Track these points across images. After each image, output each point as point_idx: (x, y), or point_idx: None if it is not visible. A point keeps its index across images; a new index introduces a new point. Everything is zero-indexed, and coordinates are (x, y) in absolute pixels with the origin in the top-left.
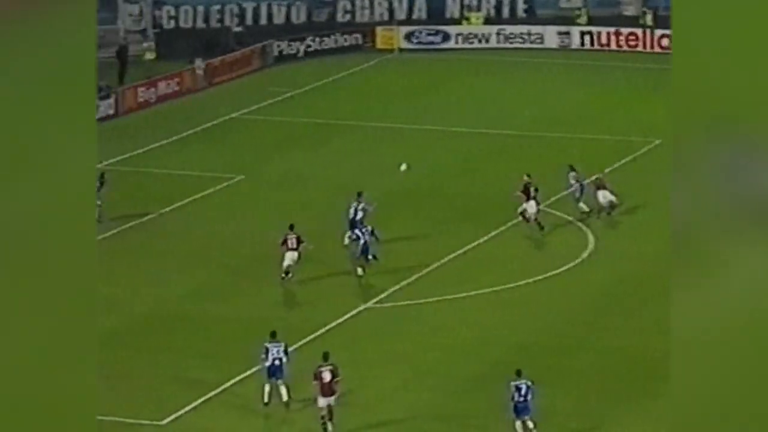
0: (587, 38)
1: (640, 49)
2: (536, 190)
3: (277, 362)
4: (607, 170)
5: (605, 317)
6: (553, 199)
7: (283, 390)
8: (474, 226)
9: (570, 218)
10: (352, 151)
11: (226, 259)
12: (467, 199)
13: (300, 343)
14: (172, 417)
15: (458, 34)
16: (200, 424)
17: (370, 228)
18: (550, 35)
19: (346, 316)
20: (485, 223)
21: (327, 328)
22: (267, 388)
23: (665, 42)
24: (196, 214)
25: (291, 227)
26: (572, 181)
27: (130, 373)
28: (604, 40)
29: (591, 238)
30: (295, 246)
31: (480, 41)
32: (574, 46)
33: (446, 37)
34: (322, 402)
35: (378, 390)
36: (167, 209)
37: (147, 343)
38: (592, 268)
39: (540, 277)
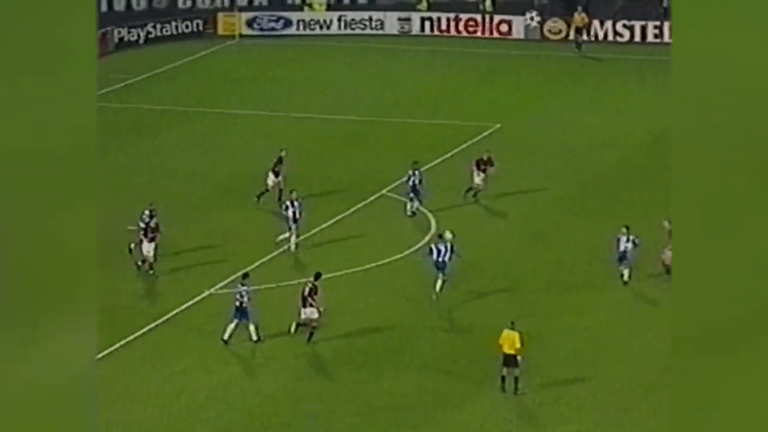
0: (427, 24)
1: (479, 34)
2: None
3: (237, 303)
4: (449, 154)
5: (448, 299)
6: (396, 183)
7: (252, 329)
8: (318, 212)
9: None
10: (194, 137)
11: None
12: (312, 184)
13: (146, 329)
14: None
15: (300, 21)
16: None
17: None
18: (391, 21)
19: (190, 303)
20: (331, 208)
21: (172, 313)
22: (231, 326)
23: (504, 28)
24: None
25: (152, 214)
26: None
27: None
28: (444, 26)
29: (433, 222)
30: (153, 236)
31: (322, 27)
32: (414, 32)
33: (288, 23)
34: (301, 313)
35: (227, 375)
36: None
37: None
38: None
39: (383, 261)
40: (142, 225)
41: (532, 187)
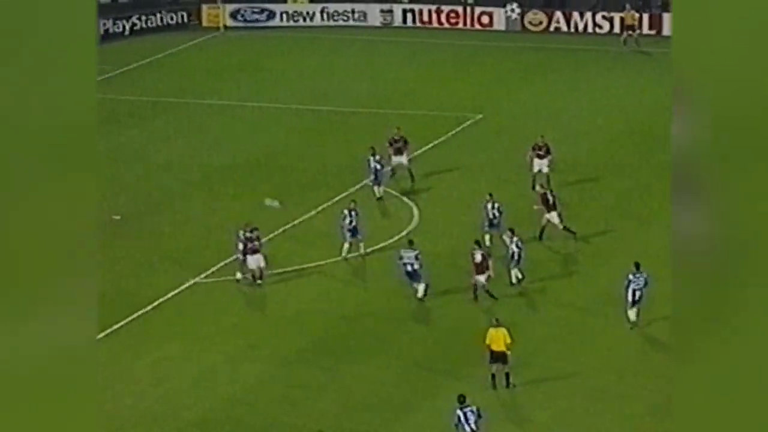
0: (409, 16)
1: (460, 26)
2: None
3: (409, 267)
4: (431, 144)
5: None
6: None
7: (421, 288)
8: (302, 201)
9: (395, 192)
10: (179, 128)
11: None
12: (295, 174)
13: (132, 317)
14: None
15: (283, 12)
16: None
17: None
18: (373, 13)
19: (175, 291)
20: (313, 198)
21: (157, 302)
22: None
23: (485, 19)
24: None
25: (252, 230)
26: (373, 165)
27: None
28: (425, 17)
29: (416, 211)
30: (257, 248)
31: (305, 19)
32: (396, 24)
33: (271, 15)
34: (476, 278)
35: (208, 363)
36: None
37: None
38: (417, 240)
39: (366, 251)
40: (242, 240)
41: (513, 177)
